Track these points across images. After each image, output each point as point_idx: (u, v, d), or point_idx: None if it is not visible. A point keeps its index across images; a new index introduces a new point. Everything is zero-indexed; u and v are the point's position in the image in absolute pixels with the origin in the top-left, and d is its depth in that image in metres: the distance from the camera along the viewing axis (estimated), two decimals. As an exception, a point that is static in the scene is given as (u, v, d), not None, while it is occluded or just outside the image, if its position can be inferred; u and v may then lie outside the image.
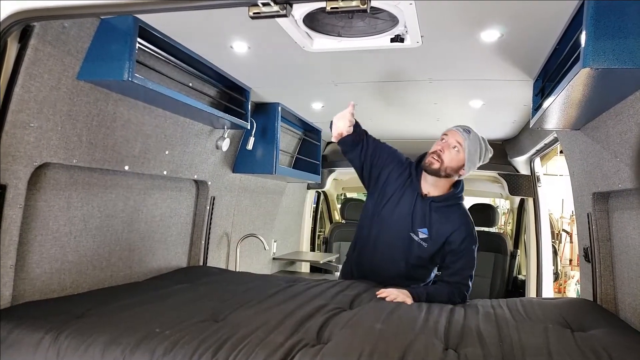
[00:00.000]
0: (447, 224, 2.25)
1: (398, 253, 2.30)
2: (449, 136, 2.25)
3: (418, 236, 2.26)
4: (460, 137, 2.22)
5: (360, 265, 2.46)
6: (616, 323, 1.84)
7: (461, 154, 2.22)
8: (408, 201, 2.29)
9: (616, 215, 2.06)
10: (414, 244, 2.27)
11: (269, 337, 1.43)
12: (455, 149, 2.21)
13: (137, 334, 1.44)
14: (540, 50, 1.95)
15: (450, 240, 2.23)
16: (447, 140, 2.24)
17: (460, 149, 2.21)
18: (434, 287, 2.26)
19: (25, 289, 1.80)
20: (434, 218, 2.26)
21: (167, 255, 2.69)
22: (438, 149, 2.23)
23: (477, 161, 2.28)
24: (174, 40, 2.04)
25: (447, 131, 2.28)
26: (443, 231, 2.24)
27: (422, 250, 2.27)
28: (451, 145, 2.22)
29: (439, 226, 2.25)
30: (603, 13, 1.34)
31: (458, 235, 2.23)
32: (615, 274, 2.11)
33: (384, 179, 2.35)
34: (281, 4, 1.22)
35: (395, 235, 2.30)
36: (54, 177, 1.88)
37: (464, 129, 2.25)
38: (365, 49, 2.05)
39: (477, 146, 2.25)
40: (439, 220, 2.26)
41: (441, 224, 2.25)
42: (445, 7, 1.63)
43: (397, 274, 2.32)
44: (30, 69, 1.60)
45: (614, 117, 1.76)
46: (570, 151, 2.47)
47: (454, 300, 2.15)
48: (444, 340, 1.52)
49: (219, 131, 2.80)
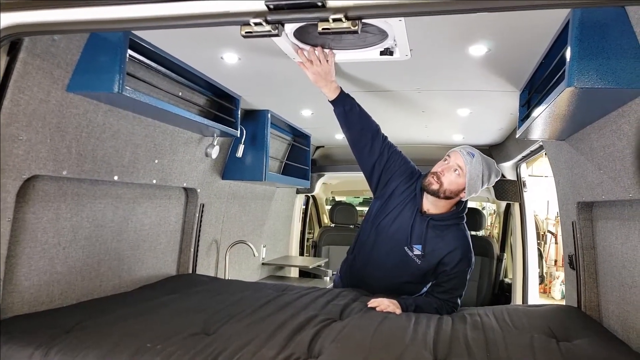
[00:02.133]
0: (442, 244, 2.21)
1: (392, 265, 2.30)
2: (452, 158, 2.20)
3: (412, 252, 2.24)
4: (462, 160, 2.17)
5: (354, 268, 2.48)
6: (600, 331, 1.88)
7: (461, 178, 2.16)
8: (408, 215, 2.26)
9: (600, 224, 2.11)
10: (409, 259, 2.25)
11: (261, 351, 1.44)
12: (456, 172, 2.16)
13: (129, 350, 1.45)
14: (527, 64, 1.99)
15: (445, 262, 2.20)
16: (449, 163, 2.19)
17: (461, 173, 2.16)
18: (423, 299, 2.26)
19: (14, 302, 1.78)
20: (430, 236, 2.22)
21: (157, 263, 2.68)
22: (439, 170, 2.18)
23: (479, 186, 2.21)
24: (164, 51, 2.04)
25: (451, 152, 2.22)
26: (438, 251, 2.21)
27: (416, 267, 2.25)
28: (452, 168, 2.17)
29: (434, 245, 2.22)
30: (587, 34, 1.37)
31: (453, 257, 2.20)
32: (599, 281, 2.16)
33: (392, 189, 2.31)
34: (273, 24, 1.23)
35: (391, 247, 2.28)
36: (43, 189, 1.87)
37: (467, 152, 2.19)
38: (355, 61, 2.07)
39: (480, 171, 2.17)
40: (435, 240, 2.22)
41: (436, 243, 2.22)
42: (434, 23, 1.66)
43: (387, 286, 2.33)
44: (19, 82, 1.59)
45: (597, 131, 1.80)
46: (555, 160, 2.52)
47: (441, 313, 2.15)
48: (433, 352, 1.55)
49: (208, 139, 2.79)
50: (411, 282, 2.33)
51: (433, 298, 2.25)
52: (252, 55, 2.08)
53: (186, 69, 2.23)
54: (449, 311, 2.20)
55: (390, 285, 2.33)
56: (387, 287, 2.31)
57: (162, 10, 1.28)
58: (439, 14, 1.18)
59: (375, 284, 2.35)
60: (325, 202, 6.68)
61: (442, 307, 2.20)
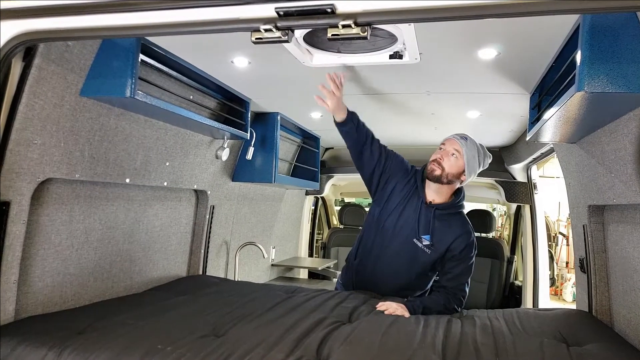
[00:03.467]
0: (449, 231, 2.31)
1: (403, 261, 2.35)
2: (447, 144, 2.31)
3: (422, 243, 2.32)
4: (457, 144, 2.29)
5: (361, 274, 2.49)
6: (611, 336, 1.86)
7: (460, 160, 2.28)
8: (413, 208, 2.34)
9: (611, 227, 2.09)
10: (419, 250, 2.32)
11: (270, 354, 1.45)
12: (454, 156, 2.28)
13: (139, 351, 1.46)
14: (537, 67, 1.98)
15: (452, 248, 2.29)
16: (446, 148, 2.30)
17: (458, 156, 2.28)
18: (430, 298, 2.30)
19: (28, 303, 1.81)
20: (437, 225, 2.31)
21: (167, 265, 2.71)
22: (438, 157, 2.29)
23: (477, 167, 2.34)
24: (175, 55, 2.06)
25: (445, 140, 2.34)
26: (445, 239, 2.30)
27: (426, 256, 2.32)
28: (450, 153, 2.28)
29: (442, 234, 2.31)
30: (597, 38, 1.36)
31: (459, 243, 2.29)
32: (611, 285, 2.14)
33: (390, 188, 2.39)
34: (283, 30, 1.24)
35: (401, 243, 2.34)
36: (57, 192, 1.90)
37: (460, 136, 2.31)
38: (364, 65, 2.08)
39: (475, 152, 2.31)
40: (441, 228, 2.31)
41: (443, 232, 2.31)
42: (444, 27, 1.66)
43: (398, 283, 2.37)
44: (34, 87, 1.61)
45: (608, 134, 1.79)
46: (566, 163, 2.50)
47: (450, 307, 2.20)
48: (442, 355, 1.55)
49: (218, 141, 2.82)
50: (421, 274, 2.39)
51: (440, 292, 2.28)
52: (261, 59, 2.10)
53: (197, 72, 2.25)
54: (457, 300, 2.24)
55: (401, 282, 2.37)
56: (399, 284, 2.36)
57: (173, 17, 1.30)
58: (447, 19, 1.19)
59: (388, 282, 2.38)
60: (335, 203, 6.68)
61: (450, 300, 2.23)
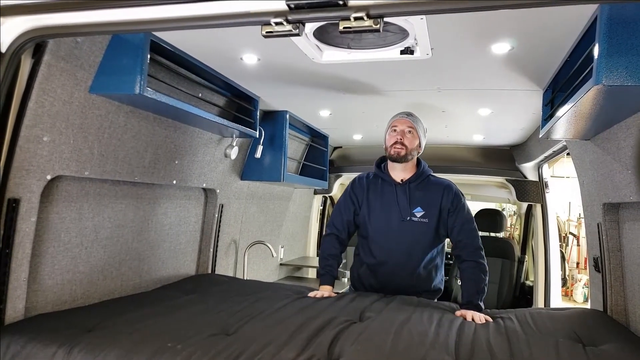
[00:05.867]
0: (432, 194, 2.43)
1: (409, 242, 2.39)
2: (399, 125, 2.41)
3: (416, 216, 2.41)
4: (409, 122, 2.41)
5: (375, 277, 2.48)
6: (627, 336, 1.82)
7: (415, 135, 2.42)
8: (390, 195, 2.44)
9: (627, 226, 2.05)
10: (417, 225, 2.39)
11: (280, 352, 1.43)
12: (411, 133, 2.41)
13: (149, 349, 1.45)
14: (551, 63, 1.94)
15: (443, 205, 2.40)
16: (401, 128, 2.41)
17: (414, 132, 2.42)
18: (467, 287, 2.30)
19: (38, 301, 1.81)
20: (419, 196, 2.43)
21: (176, 263, 2.70)
22: (398, 139, 2.39)
23: (424, 136, 2.51)
24: (184, 52, 2.05)
25: (394, 121, 2.44)
26: (433, 202, 2.41)
27: (427, 226, 2.40)
28: (406, 131, 2.40)
29: (427, 199, 2.42)
30: (616, 30, 1.33)
31: (447, 197, 2.41)
32: (626, 284, 2.10)
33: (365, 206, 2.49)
34: (294, 24, 1.22)
35: (397, 228, 2.39)
36: (66, 189, 1.89)
37: (406, 114, 2.44)
38: (374, 61, 2.05)
39: (420, 123, 2.47)
40: (424, 195, 2.43)
41: (427, 197, 2.43)
42: (456, 21, 1.63)
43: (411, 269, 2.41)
44: (44, 84, 1.61)
45: (625, 130, 1.75)
46: (580, 160, 2.46)
47: (483, 269, 2.31)
48: (455, 356, 1.52)
49: (227, 139, 2.81)
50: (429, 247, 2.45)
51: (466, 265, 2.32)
52: (271, 56, 2.08)
53: (206, 70, 2.24)
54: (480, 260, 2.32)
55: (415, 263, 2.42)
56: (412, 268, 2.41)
57: (183, 11, 1.28)
58: (461, 11, 1.16)
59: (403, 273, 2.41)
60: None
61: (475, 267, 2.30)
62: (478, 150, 4.36)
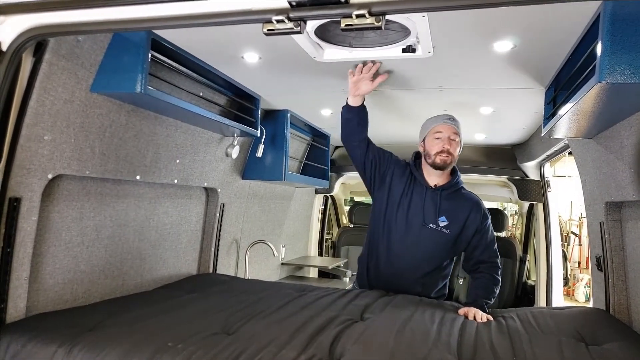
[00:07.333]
0: (460, 207, 2.37)
1: (425, 248, 2.36)
2: (444, 131, 2.33)
3: (439, 225, 2.35)
4: (453, 128, 2.34)
5: (380, 272, 2.45)
6: (630, 335, 1.81)
7: (458, 141, 2.37)
8: (419, 197, 2.38)
9: (630, 224, 2.04)
10: (438, 233, 2.35)
11: (282, 352, 1.43)
12: (455, 140, 2.35)
13: (150, 348, 1.45)
14: (554, 61, 1.93)
15: (470, 221, 2.36)
16: (447, 135, 2.33)
17: (457, 138, 2.36)
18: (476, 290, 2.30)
19: (39, 300, 1.81)
20: (446, 205, 2.37)
21: (177, 262, 2.70)
22: (445, 147, 2.31)
23: None
24: (185, 51, 2.05)
25: (439, 126, 2.34)
26: (460, 215, 2.36)
27: (446, 237, 2.36)
28: (451, 139, 2.34)
29: (454, 211, 2.37)
30: (619, 27, 1.32)
31: (476, 214, 2.37)
32: (629, 283, 2.09)
33: (388, 182, 2.42)
34: (295, 21, 1.22)
35: (417, 231, 2.35)
36: (67, 188, 1.89)
37: (449, 118, 2.36)
38: (376, 59, 2.05)
39: (461, 127, 2.39)
40: (452, 206, 2.37)
41: (454, 209, 2.37)
42: (458, 19, 1.62)
43: (422, 272, 2.38)
44: (45, 83, 1.61)
45: (628, 128, 1.74)
46: (582, 159, 2.45)
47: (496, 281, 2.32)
48: (457, 355, 1.51)
49: (228, 139, 2.80)
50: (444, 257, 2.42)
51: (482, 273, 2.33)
52: (272, 55, 2.08)
53: (207, 69, 2.23)
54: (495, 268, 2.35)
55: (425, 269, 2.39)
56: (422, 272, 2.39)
57: (184, 8, 1.28)
58: (464, 8, 1.16)
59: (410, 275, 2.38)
60: (344, 203, 6.65)
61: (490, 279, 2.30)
62: (480, 149, 4.35)
